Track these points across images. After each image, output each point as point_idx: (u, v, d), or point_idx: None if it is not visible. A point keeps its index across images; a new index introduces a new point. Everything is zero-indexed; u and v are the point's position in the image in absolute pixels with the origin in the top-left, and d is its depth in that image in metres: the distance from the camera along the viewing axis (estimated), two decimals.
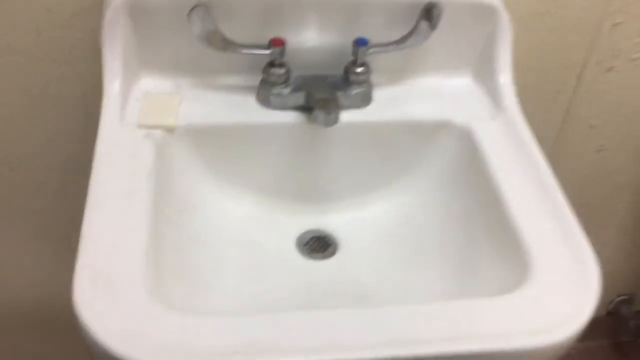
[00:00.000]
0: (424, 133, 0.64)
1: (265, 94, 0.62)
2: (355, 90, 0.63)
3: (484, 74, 0.66)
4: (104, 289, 0.45)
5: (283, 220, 0.66)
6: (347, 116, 0.62)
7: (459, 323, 0.46)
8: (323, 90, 0.61)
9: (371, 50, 0.61)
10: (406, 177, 0.66)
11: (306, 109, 0.63)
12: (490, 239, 0.56)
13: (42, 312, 0.91)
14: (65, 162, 0.75)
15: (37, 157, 0.75)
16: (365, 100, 0.64)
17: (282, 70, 0.61)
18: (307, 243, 0.65)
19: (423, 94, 0.66)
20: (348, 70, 0.63)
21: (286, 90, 0.62)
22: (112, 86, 0.60)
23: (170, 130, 0.59)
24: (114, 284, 0.46)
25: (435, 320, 0.46)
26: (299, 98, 0.62)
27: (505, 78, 0.64)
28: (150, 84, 0.64)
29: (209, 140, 0.61)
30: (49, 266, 0.85)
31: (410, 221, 0.65)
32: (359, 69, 0.62)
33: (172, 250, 0.55)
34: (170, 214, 0.57)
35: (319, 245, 0.65)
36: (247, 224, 0.65)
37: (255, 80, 0.63)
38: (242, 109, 0.62)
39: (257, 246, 0.63)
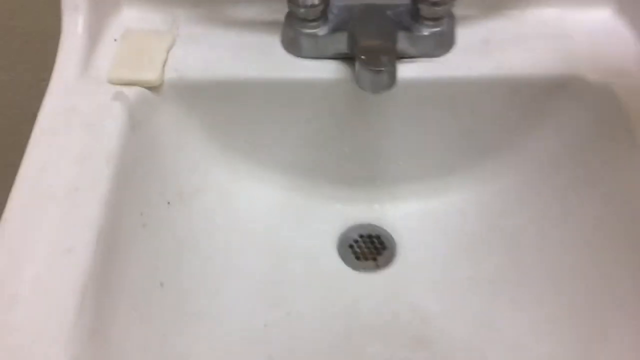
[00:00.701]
0: (534, 94, 0.50)
1: (292, 35, 0.49)
2: (427, 30, 0.48)
3: (634, 1, 0.50)
4: None
5: (319, 211, 0.54)
6: (413, 69, 0.48)
7: None
8: (375, 31, 0.46)
9: None
10: (499, 158, 0.52)
11: (352, 57, 0.48)
12: None
13: None
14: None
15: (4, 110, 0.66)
16: (443, 44, 0.50)
17: None
18: (353, 245, 0.53)
19: (535, 34, 0.51)
20: None
21: (323, 30, 0.48)
22: (73, 21, 0.47)
23: (153, 87, 0.47)
24: None
25: None
26: (341, 42, 0.48)
27: None
28: (134, 17, 0.51)
29: (212, 103, 0.49)
30: None
31: (502, 224, 0.52)
32: None
33: (145, 268, 0.42)
34: (145, 214, 0.44)
35: (368, 249, 0.53)
36: (267, 218, 0.53)
37: (280, 13, 0.50)
38: (261, 56, 0.49)
39: (279, 249, 0.52)
